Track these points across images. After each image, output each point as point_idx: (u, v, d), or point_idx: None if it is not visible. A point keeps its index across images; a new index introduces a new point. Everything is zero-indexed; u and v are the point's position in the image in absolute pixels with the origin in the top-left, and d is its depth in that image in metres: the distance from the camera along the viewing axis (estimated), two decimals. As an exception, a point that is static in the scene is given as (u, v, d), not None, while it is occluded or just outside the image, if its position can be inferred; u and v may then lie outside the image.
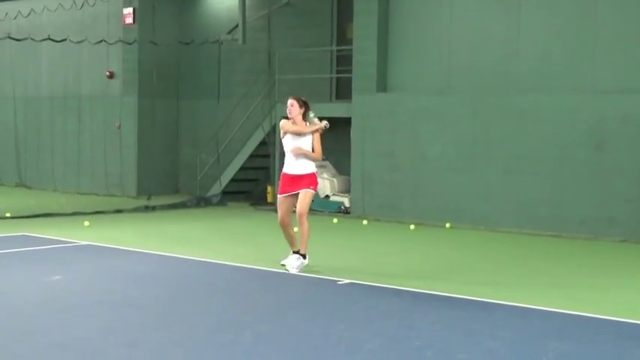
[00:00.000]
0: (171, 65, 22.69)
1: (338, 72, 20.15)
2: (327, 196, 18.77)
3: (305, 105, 11.69)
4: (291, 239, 11.52)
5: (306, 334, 8.01)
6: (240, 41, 20.39)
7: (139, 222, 16.96)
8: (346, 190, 18.75)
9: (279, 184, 11.73)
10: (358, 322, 8.46)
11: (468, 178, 16.77)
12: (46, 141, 24.27)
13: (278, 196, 11.65)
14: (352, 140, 18.35)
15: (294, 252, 11.49)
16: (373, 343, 7.59)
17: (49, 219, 17.00)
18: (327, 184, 18.81)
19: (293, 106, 11.58)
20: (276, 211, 18.63)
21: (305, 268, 11.43)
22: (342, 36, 20.10)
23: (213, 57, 21.74)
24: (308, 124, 11.70)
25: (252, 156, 20.61)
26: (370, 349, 7.42)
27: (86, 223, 16.06)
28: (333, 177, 19.00)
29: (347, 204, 18.43)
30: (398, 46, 18.09)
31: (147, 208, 19.14)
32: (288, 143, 11.55)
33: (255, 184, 21.50)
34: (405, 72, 18.04)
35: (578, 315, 8.99)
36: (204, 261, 12.17)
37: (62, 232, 14.77)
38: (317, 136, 11.63)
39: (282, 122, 11.69)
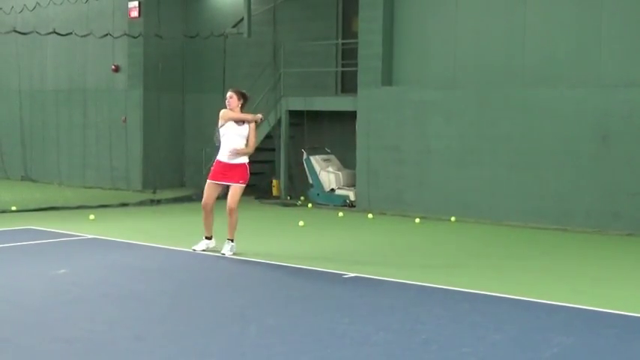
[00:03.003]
0: (176, 59, 22.69)
1: (343, 65, 20.14)
2: (332, 190, 18.78)
3: (243, 97, 12.36)
4: (208, 225, 12.30)
5: (311, 327, 8.01)
6: (245, 35, 20.38)
7: (145, 215, 16.97)
8: (352, 184, 18.75)
9: (212, 168, 12.44)
10: (363, 316, 8.46)
11: (474, 171, 16.76)
12: (52, 134, 24.30)
13: (208, 180, 12.36)
14: (357, 134, 18.34)
15: (207, 237, 12.34)
16: (378, 337, 7.59)
17: (54, 212, 17.03)
18: (332, 178, 18.81)
19: (232, 98, 12.23)
20: (282, 204, 18.81)
21: (310, 262, 11.45)
22: (348, 29, 20.09)
23: (219, 50, 21.74)
24: None
25: (257, 149, 20.45)
26: (375, 342, 7.43)
27: (91, 217, 16.08)
28: (338, 170, 19.00)
29: (352, 197, 18.42)
30: (403, 40, 18.07)
31: (152, 202, 19.17)
32: (226, 132, 12.20)
33: (260, 178, 21.48)
34: (411, 65, 18.02)
35: (584, 309, 8.99)
36: (209, 254, 12.17)
37: (67, 226, 14.79)
38: (253, 127, 12.25)
39: (222, 111, 12.30)
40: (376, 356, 7.05)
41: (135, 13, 22.04)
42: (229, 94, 12.35)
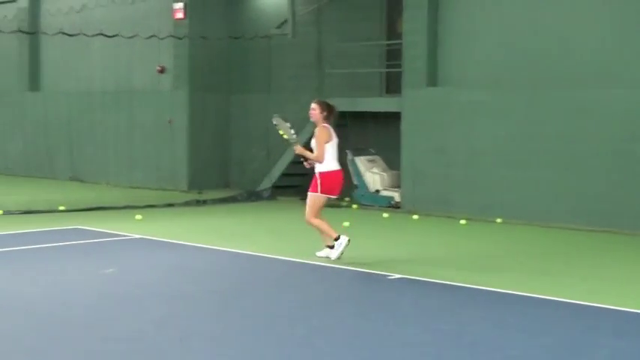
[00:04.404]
0: (221, 60, 22.79)
1: (388, 66, 20.09)
2: (377, 191, 18.75)
3: (328, 109, 12.16)
4: (327, 230, 11.89)
5: (357, 328, 8.02)
6: (289, 36, 20.42)
7: (190, 216, 17.07)
8: (396, 185, 18.70)
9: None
10: (409, 317, 8.46)
11: (520, 172, 16.64)
12: (99, 135, 24.52)
13: None
14: (402, 135, 18.29)
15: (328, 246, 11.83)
16: (424, 338, 7.58)
17: (102, 212, 17.19)
18: (377, 179, 18.78)
19: (314, 110, 12.07)
20: (327, 205, 18.77)
21: (356, 263, 11.46)
22: (392, 30, 20.03)
23: (263, 51, 21.80)
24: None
25: (302, 150, 20.61)
26: (421, 344, 7.42)
27: (138, 217, 16.21)
28: (383, 172, 18.97)
29: (397, 199, 18.38)
30: (448, 40, 18.00)
31: (198, 202, 19.26)
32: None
33: (305, 179, 21.47)
34: (456, 66, 17.94)
35: (634, 312, 8.89)
36: (255, 255, 12.22)
37: (115, 226, 14.92)
38: (317, 139, 11.93)
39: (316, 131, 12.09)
40: (422, 358, 7.04)
41: (180, 15, 22.17)
42: (312, 105, 12.12)
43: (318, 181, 11.81)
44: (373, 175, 18.80)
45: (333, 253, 11.70)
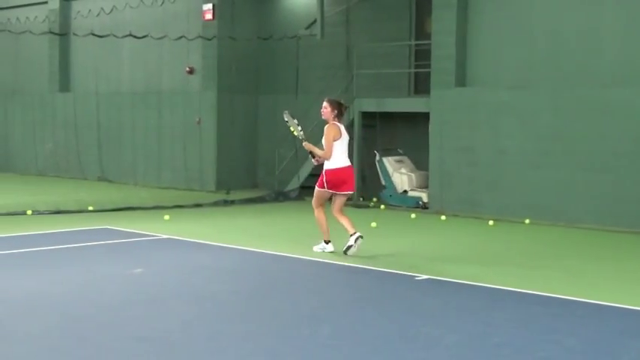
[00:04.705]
0: (250, 60, 22.84)
1: (416, 66, 20.06)
2: (405, 191, 18.72)
3: (339, 107, 12.52)
4: (345, 225, 12.32)
5: (383, 329, 8.00)
6: (318, 36, 20.44)
7: (218, 216, 17.12)
8: (424, 186, 18.66)
9: None
10: (435, 318, 8.43)
11: (548, 173, 16.55)
12: (128, 136, 24.65)
13: None
14: (430, 135, 18.25)
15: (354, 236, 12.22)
16: (450, 339, 7.55)
17: (130, 212, 17.28)
18: (405, 179, 18.75)
19: (326, 109, 12.48)
20: (355, 206, 18.83)
21: (383, 264, 11.45)
22: (421, 30, 20.01)
23: (292, 52, 21.84)
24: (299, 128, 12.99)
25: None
26: (447, 345, 7.39)
27: (166, 217, 16.28)
28: (411, 172, 18.93)
29: (425, 199, 18.34)
30: (477, 40, 17.95)
31: (226, 203, 19.31)
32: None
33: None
34: (484, 66, 17.88)
35: (661, 313, 8.83)
36: (282, 255, 12.24)
37: (143, 226, 14.99)
38: (326, 136, 12.41)
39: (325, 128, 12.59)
40: (448, 359, 7.02)
41: (209, 16, 22.24)
42: (324, 104, 12.52)
43: (324, 178, 12.36)
44: (401, 176, 18.77)
45: (317, 247, 12.50)
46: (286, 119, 12.88)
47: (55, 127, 26.84)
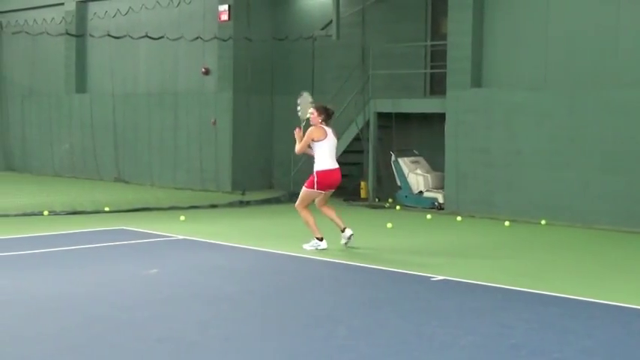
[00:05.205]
0: (265, 61, 22.86)
1: (432, 67, 20.03)
2: (420, 192, 18.69)
3: (325, 112, 12.94)
4: (336, 221, 13.03)
5: (398, 329, 8.00)
6: (334, 37, 20.42)
7: (234, 217, 17.15)
8: (440, 186, 18.63)
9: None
10: (451, 319, 8.42)
11: (565, 174, 16.50)
12: (144, 137, 24.71)
13: None
14: (446, 136, 18.22)
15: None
16: (466, 340, 7.54)
17: (146, 213, 17.32)
18: (420, 180, 18.72)
19: (313, 115, 12.89)
20: (370, 206, 18.82)
21: (399, 264, 11.44)
22: (437, 31, 19.98)
23: (307, 53, 21.84)
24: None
25: (345, 152, 20.60)
26: (463, 346, 7.38)
27: (182, 218, 16.31)
28: (426, 173, 18.91)
29: (441, 200, 18.31)
30: (493, 41, 17.90)
31: (241, 203, 19.33)
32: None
33: (348, 180, 21.49)
34: (500, 67, 17.84)
35: (679, 315, 8.79)
36: (297, 256, 12.25)
37: (159, 226, 15.03)
38: (308, 134, 12.86)
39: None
40: (464, 360, 7.02)
41: (225, 17, 22.27)
42: (311, 110, 12.96)
43: (315, 179, 12.76)
44: (417, 177, 18.75)
45: (308, 245, 12.75)
46: (299, 102, 13.42)
47: (72, 128, 26.94)
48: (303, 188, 12.91)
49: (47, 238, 13.77)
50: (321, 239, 12.72)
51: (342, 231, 12.91)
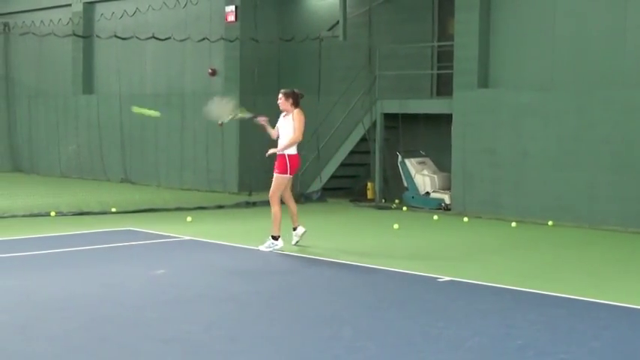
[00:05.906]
0: (272, 62, 22.85)
1: (439, 68, 20.02)
2: (427, 193, 18.68)
3: (292, 96, 13.28)
4: (294, 216, 13.24)
5: (405, 330, 7.99)
6: (340, 38, 20.42)
7: (240, 217, 17.15)
8: (447, 187, 18.62)
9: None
10: (458, 320, 8.41)
11: (572, 175, 16.47)
12: (150, 138, 24.71)
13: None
14: (453, 137, 18.20)
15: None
16: (473, 341, 7.53)
17: (152, 214, 17.33)
18: (427, 181, 18.71)
19: (280, 99, 13.33)
20: (377, 207, 18.81)
21: (405, 265, 11.43)
22: (444, 31, 19.96)
23: (314, 54, 21.82)
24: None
25: (352, 152, 20.62)
26: (470, 347, 7.37)
27: (189, 219, 16.32)
28: (433, 174, 18.89)
29: (447, 201, 18.29)
30: (500, 42, 17.88)
31: (248, 204, 19.33)
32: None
33: (355, 181, 21.51)
34: (507, 67, 17.82)
35: (686, 316, 8.77)
36: (303, 257, 12.25)
37: (165, 227, 15.04)
38: (297, 121, 13.25)
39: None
40: (471, 361, 7.01)
41: (232, 18, 22.27)
42: (279, 95, 13.37)
43: (288, 164, 12.98)
44: (423, 177, 18.73)
45: (264, 247, 12.71)
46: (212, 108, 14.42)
47: (79, 128, 26.95)
48: (276, 175, 13.01)
49: (54, 238, 13.79)
50: (277, 238, 12.74)
51: (294, 229, 13.09)
